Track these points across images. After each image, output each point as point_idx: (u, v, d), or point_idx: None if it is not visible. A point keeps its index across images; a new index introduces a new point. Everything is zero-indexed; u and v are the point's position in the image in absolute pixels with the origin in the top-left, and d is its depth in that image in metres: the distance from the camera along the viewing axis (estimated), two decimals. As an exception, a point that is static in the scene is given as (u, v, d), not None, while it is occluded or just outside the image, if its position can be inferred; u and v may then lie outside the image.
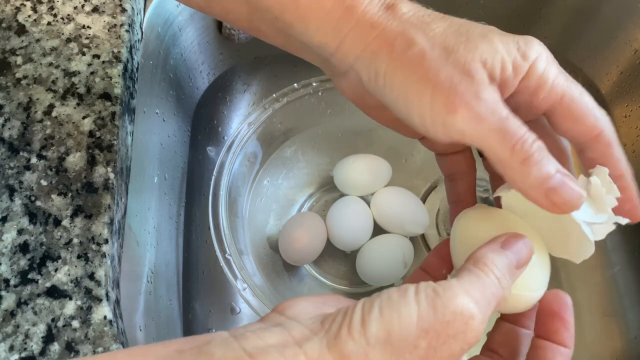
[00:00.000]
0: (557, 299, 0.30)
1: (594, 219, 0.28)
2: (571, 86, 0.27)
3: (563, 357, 0.29)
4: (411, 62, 0.26)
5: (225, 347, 0.23)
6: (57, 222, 0.37)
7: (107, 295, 0.36)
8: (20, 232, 0.37)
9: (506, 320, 0.31)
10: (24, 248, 0.37)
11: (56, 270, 0.36)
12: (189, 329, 0.52)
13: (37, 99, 0.41)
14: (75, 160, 0.39)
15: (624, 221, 0.29)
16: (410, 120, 0.28)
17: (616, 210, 0.28)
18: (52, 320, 0.35)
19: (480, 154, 0.31)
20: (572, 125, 0.28)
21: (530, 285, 0.29)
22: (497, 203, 0.31)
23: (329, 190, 0.59)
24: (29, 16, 0.44)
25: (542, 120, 0.30)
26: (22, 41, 0.43)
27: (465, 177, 0.34)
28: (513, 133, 0.25)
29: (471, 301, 0.23)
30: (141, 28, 0.49)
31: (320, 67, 0.34)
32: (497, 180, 0.34)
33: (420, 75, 0.26)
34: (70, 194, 0.38)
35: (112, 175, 0.39)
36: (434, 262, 0.34)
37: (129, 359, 0.24)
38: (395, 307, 0.23)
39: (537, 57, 0.27)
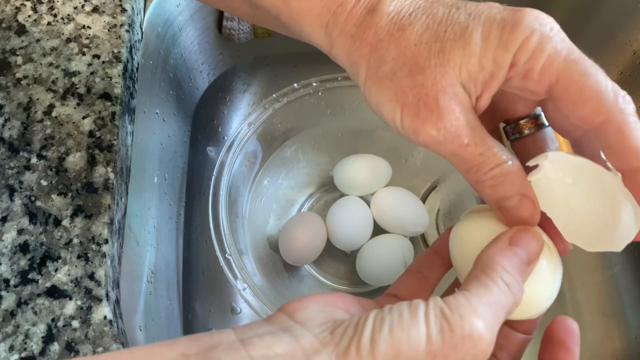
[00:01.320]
0: (564, 327, 0.29)
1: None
2: (570, 66, 0.25)
3: None
4: (383, 80, 0.27)
5: (233, 354, 0.23)
6: (57, 222, 0.37)
7: (107, 295, 0.36)
8: (20, 232, 0.37)
9: (505, 324, 0.31)
10: (24, 248, 0.37)
11: (56, 270, 0.36)
12: (189, 329, 0.52)
13: (37, 99, 0.41)
14: (75, 160, 0.39)
15: None
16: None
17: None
18: (52, 320, 0.35)
19: (507, 136, 0.31)
20: (573, 110, 0.26)
21: (541, 292, 0.28)
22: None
23: (329, 190, 0.59)
24: (29, 16, 0.44)
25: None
26: (22, 41, 0.43)
27: None
28: (469, 160, 0.26)
29: (480, 322, 0.23)
30: (141, 28, 0.49)
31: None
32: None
33: (391, 95, 0.27)
34: (70, 194, 0.38)
35: (112, 175, 0.39)
36: (445, 245, 0.33)
37: None
38: (405, 327, 0.23)
39: (523, 41, 0.25)
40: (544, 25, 0.26)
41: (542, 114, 0.31)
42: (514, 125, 0.31)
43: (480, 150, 0.26)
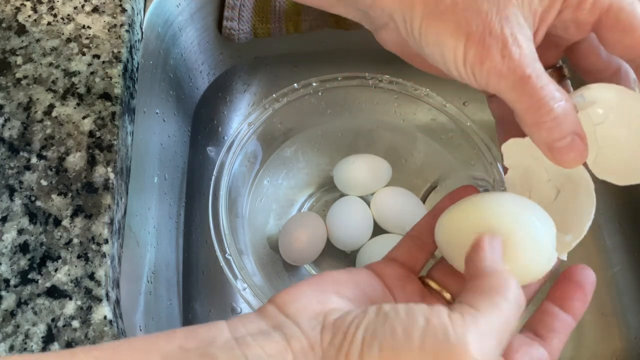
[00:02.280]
0: (583, 272, 0.29)
1: None
2: None
3: (567, 328, 0.28)
4: (444, 14, 0.26)
5: (229, 354, 0.23)
6: (57, 222, 0.37)
7: (107, 295, 0.36)
8: (20, 232, 0.37)
9: None
10: (24, 248, 0.37)
11: (56, 270, 0.36)
12: (189, 329, 0.52)
13: (37, 99, 0.41)
14: (75, 160, 0.39)
15: None
16: (446, 70, 0.28)
17: None
18: (52, 320, 0.35)
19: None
20: (621, 37, 0.26)
21: (539, 257, 0.28)
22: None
23: (329, 190, 0.58)
24: (29, 16, 0.44)
25: None
26: (22, 41, 0.43)
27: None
28: (530, 95, 0.26)
29: (483, 355, 0.21)
30: (141, 28, 0.49)
31: (360, 22, 0.33)
32: (504, 126, 0.33)
33: (453, 28, 0.26)
34: (70, 194, 0.38)
35: (112, 175, 0.39)
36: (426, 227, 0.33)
37: (133, 353, 0.23)
38: (397, 349, 0.21)
39: None
40: None
41: (564, 66, 0.31)
42: None
43: (541, 84, 0.26)
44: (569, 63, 0.31)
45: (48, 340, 0.34)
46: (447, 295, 0.31)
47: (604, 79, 0.30)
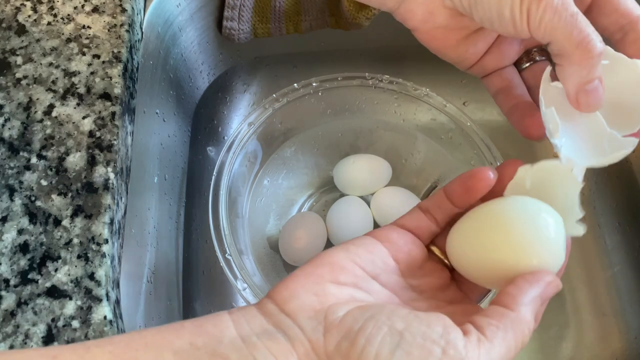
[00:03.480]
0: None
1: None
2: None
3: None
4: None
5: (239, 354, 0.23)
6: (57, 222, 0.37)
7: (107, 295, 0.36)
8: (20, 232, 0.37)
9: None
10: (24, 248, 0.37)
11: (56, 270, 0.36)
12: (189, 329, 0.52)
13: (37, 99, 0.41)
14: (75, 160, 0.39)
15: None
16: (498, 16, 0.30)
17: None
18: (52, 320, 0.35)
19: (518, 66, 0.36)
20: (611, 11, 0.31)
21: (549, 258, 0.29)
22: None
23: (329, 190, 0.59)
24: (29, 16, 0.44)
25: None
26: (22, 41, 0.43)
27: (512, 89, 0.36)
28: (579, 30, 0.29)
29: None
30: (141, 28, 0.49)
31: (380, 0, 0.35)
32: (504, 96, 0.36)
33: None
34: (70, 194, 0.38)
35: (112, 175, 0.39)
36: (458, 190, 0.33)
37: (145, 349, 0.24)
38: None
39: None
40: None
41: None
42: (526, 53, 0.36)
43: (586, 21, 0.29)
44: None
45: (48, 340, 0.34)
46: (448, 263, 0.32)
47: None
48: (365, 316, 0.24)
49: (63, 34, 0.44)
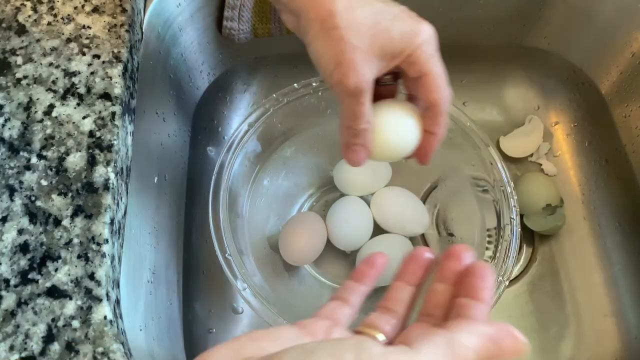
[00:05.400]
0: (478, 266, 0.30)
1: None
2: (437, 66, 0.37)
3: (483, 311, 0.28)
4: (331, 39, 0.35)
5: None
6: (57, 222, 0.37)
7: (107, 295, 0.36)
8: (20, 232, 0.37)
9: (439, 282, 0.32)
10: (24, 248, 0.37)
11: (56, 270, 0.36)
12: (189, 329, 0.52)
13: (37, 99, 0.41)
14: (76, 160, 0.39)
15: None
16: (317, 68, 0.37)
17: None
18: (52, 320, 0.35)
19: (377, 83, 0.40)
20: (427, 92, 0.38)
21: (403, 139, 0.39)
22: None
23: (329, 190, 0.59)
24: (29, 16, 0.45)
25: None
26: (22, 41, 0.43)
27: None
28: (354, 106, 0.37)
29: None
30: (141, 28, 0.49)
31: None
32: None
33: (333, 52, 0.35)
34: (70, 194, 0.38)
35: (112, 175, 0.39)
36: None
37: None
38: None
39: (420, 42, 0.36)
40: (431, 34, 0.37)
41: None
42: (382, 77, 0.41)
43: (364, 101, 0.37)
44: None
45: (48, 340, 0.34)
46: (380, 336, 0.29)
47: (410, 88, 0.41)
48: (279, 350, 0.23)
49: (63, 34, 0.44)
